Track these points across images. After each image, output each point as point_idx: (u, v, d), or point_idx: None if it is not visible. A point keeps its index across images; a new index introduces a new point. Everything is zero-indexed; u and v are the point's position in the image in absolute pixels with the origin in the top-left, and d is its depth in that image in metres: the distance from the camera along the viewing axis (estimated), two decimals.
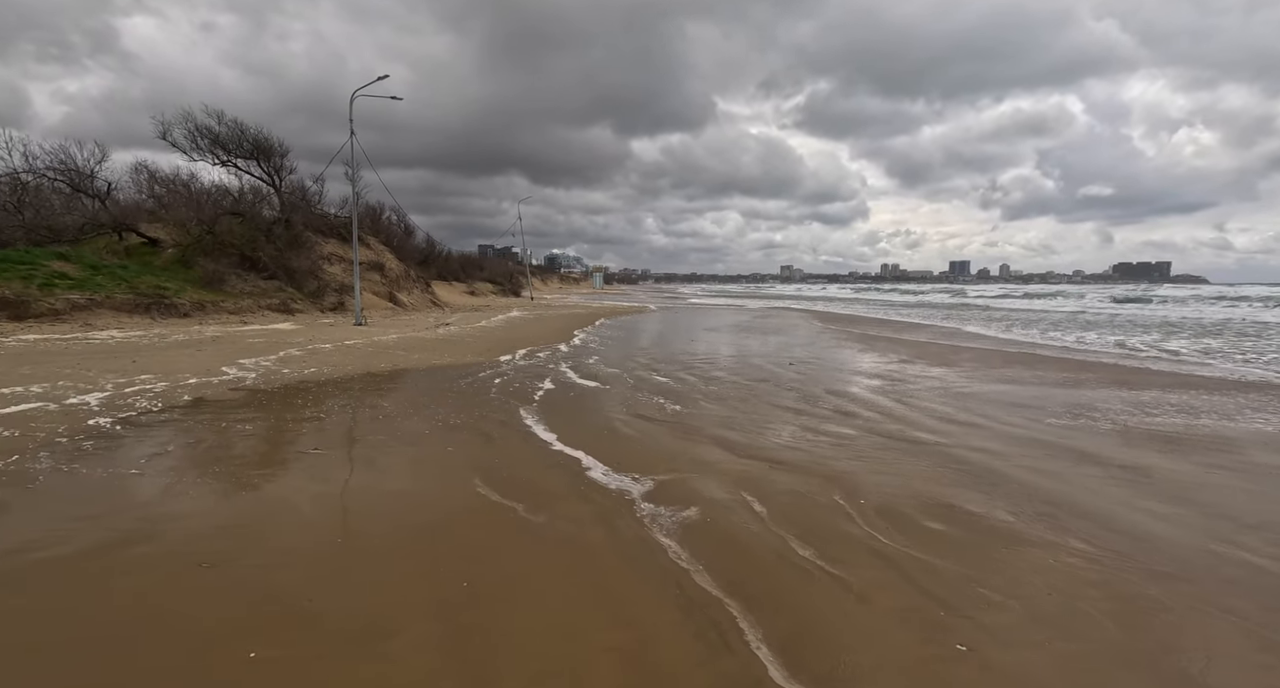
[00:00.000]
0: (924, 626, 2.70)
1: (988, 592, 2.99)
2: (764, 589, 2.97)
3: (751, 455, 5.24)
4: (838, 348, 14.43)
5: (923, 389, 8.72)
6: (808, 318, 26.42)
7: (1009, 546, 3.54)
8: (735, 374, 10.03)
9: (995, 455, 5.37)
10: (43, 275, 15.72)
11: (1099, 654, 2.51)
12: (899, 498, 4.25)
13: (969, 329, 20.50)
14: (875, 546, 3.49)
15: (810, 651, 2.48)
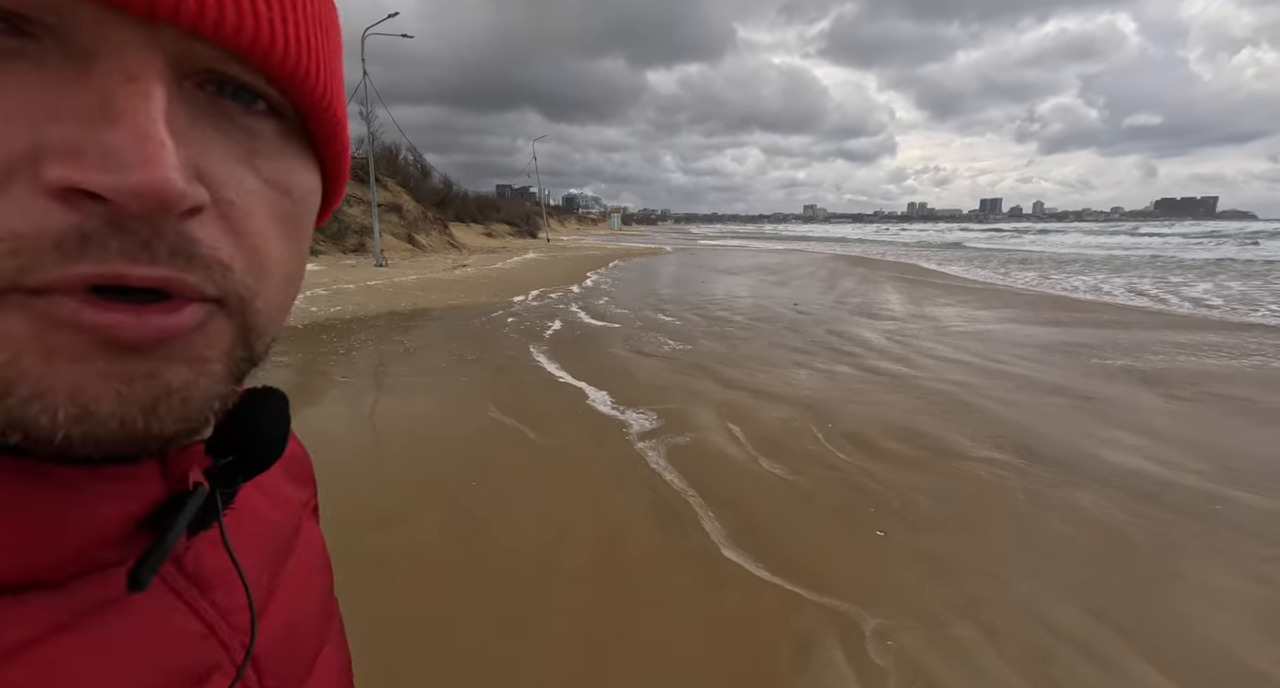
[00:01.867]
0: (853, 519, 3.22)
1: (917, 496, 3.48)
2: (725, 492, 3.50)
3: (740, 387, 5.73)
4: (843, 289, 14.63)
5: (918, 329, 9.04)
6: (823, 260, 26.33)
7: (949, 460, 4.01)
8: (740, 314, 10.41)
9: (969, 388, 5.77)
10: None
11: (991, 537, 3.02)
12: (866, 424, 4.72)
13: (964, 272, 20.38)
14: (831, 460, 3.99)
15: (753, 536, 3.02)
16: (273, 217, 0.25)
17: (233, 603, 0.30)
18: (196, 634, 0.28)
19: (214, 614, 0.29)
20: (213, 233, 0.23)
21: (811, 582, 2.62)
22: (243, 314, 0.24)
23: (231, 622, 0.30)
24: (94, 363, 0.21)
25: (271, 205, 0.25)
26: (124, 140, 0.19)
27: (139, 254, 0.20)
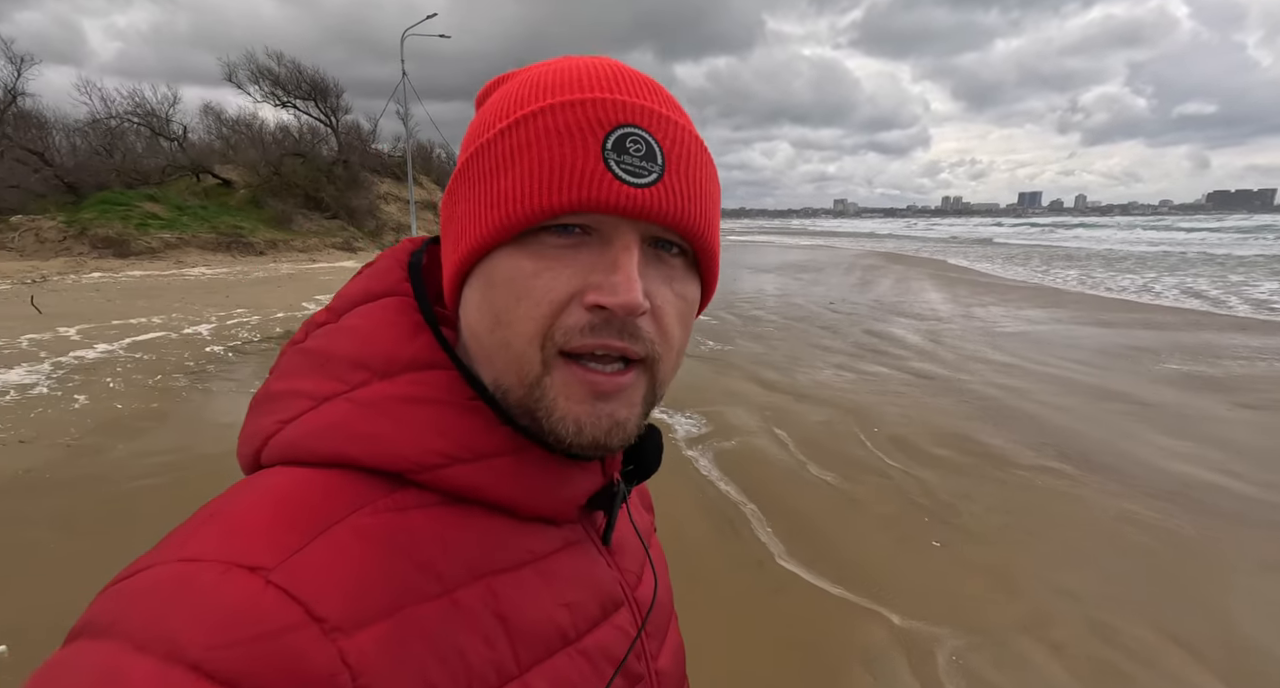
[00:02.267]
0: (907, 527, 3.21)
1: (970, 505, 3.45)
2: (772, 496, 3.52)
3: (781, 390, 5.72)
4: (879, 287, 14.39)
5: (960, 329, 8.86)
6: (855, 257, 25.91)
7: (1001, 468, 3.95)
8: (774, 313, 10.35)
9: (1017, 392, 5.66)
10: (138, 216, 17.16)
11: (1053, 550, 2.98)
12: (912, 428, 4.67)
13: (1000, 270, 19.81)
14: (879, 466, 3.98)
15: (807, 543, 3.03)
16: (677, 314, 0.41)
17: (627, 566, 0.48)
18: (612, 578, 0.45)
19: (618, 570, 0.47)
20: (647, 323, 0.39)
21: (871, 593, 2.63)
22: (653, 372, 0.40)
23: (627, 578, 0.47)
24: (586, 404, 0.38)
25: (676, 307, 0.41)
26: (620, 280, 0.36)
27: (616, 335, 0.37)
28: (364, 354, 0.39)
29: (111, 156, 20.40)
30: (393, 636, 0.31)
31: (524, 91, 0.39)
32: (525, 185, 0.36)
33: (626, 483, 0.47)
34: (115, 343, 6.95)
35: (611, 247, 0.37)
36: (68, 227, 15.95)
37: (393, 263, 0.45)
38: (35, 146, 18.51)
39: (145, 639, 0.27)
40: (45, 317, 8.30)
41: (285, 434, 0.38)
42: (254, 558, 0.30)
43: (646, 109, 0.38)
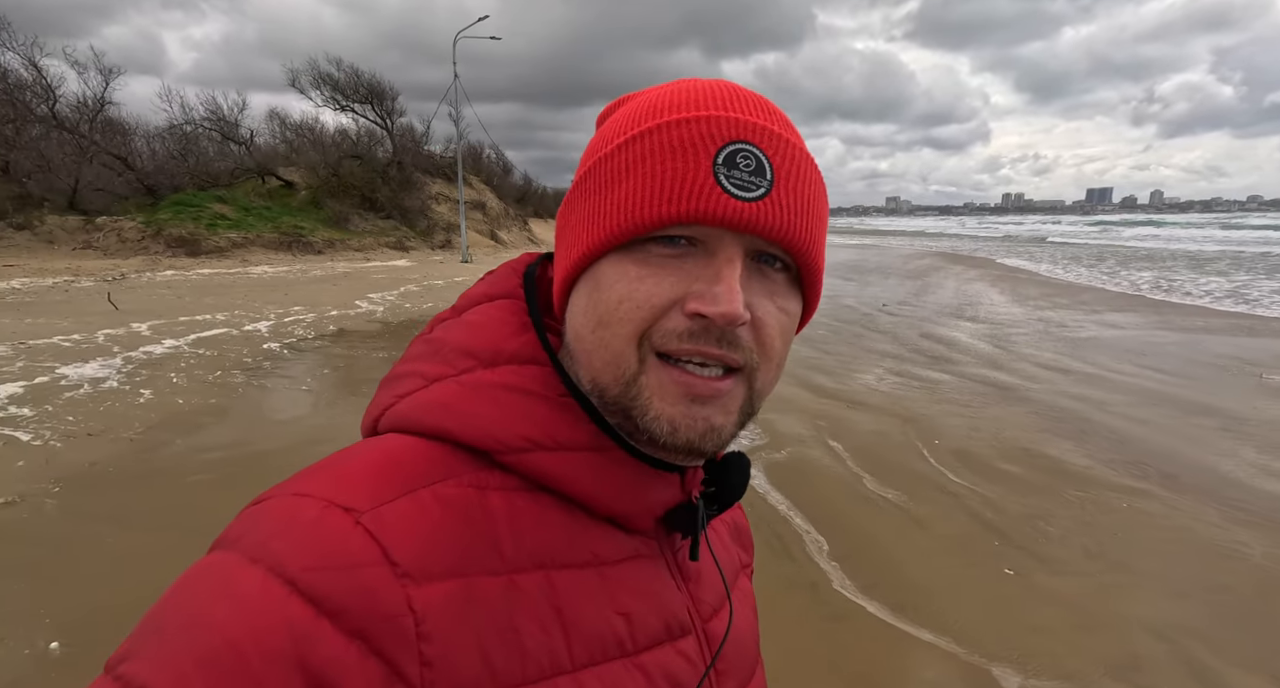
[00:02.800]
0: (976, 551, 2.96)
1: (1046, 527, 3.16)
2: (827, 513, 3.32)
3: (833, 396, 5.47)
4: (935, 288, 13.77)
5: (1027, 333, 8.34)
6: (908, 257, 24.98)
7: (1078, 487, 3.62)
8: (824, 315, 10.01)
9: (1092, 403, 5.24)
10: (208, 216, 18.10)
11: (1142, 583, 2.68)
12: (976, 441, 4.37)
13: (1064, 272, 18.63)
14: (943, 482, 3.71)
15: (863, 564, 2.83)
16: (779, 327, 0.41)
17: (701, 596, 0.47)
18: (682, 603, 0.45)
19: (690, 597, 0.46)
20: (746, 333, 0.39)
21: (936, 623, 2.42)
22: (751, 383, 0.41)
23: (700, 608, 0.46)
24: (681, 406, 0.39)
25: (777, 320, 0.41)
26: (722, 291, 0.37)
27: (714, 343, 0.38)
28: (473, 344, 0.44)
29: (186, 160, 21.59)
30: (456, 596, 0.34)
31: (642, 111, 0.41)
32: (638, 196, 0.38)
33: (706, 505, 0.47)
34: (181, 339, 7.28)
35: (715, 258, 0.38)
36: (145, 227, 16.95)
37: (510, 271, 0.49)
38: (120, 152, 19.76)
39: (257, 555, 0.32)
40: (121, 313, 8.78)
41: (399, 407, 0.42)
42: (350, 501, 0.34)
43: (758, 126, 0.39)
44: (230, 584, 0.31)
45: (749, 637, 0.51)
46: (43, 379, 5.40)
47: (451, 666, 0.33)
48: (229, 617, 0.30)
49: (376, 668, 0.31)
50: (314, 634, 0.30)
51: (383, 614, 0.31)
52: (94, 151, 18.86)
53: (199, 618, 0.30)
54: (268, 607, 0.30)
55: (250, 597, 0.30)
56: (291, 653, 0.29)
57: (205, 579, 0.32)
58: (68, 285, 11.43)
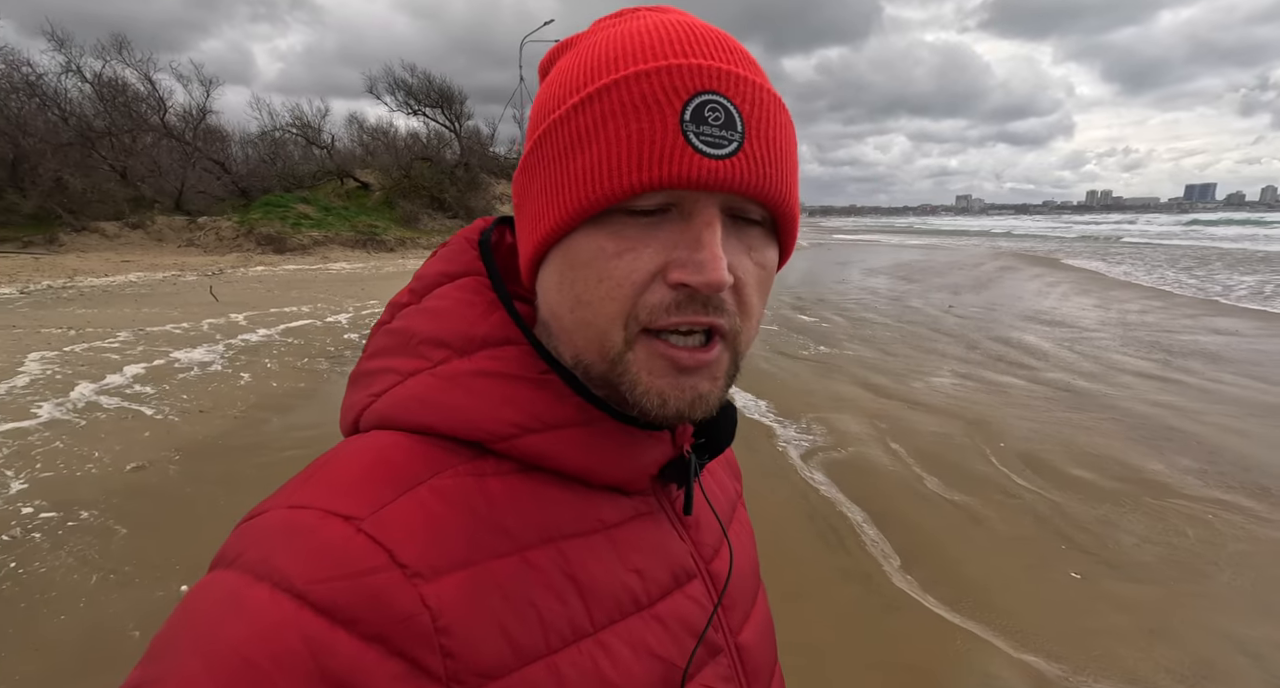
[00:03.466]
0: (1040, 553, 2.89)
1: (1119, 535, 3.05)
2: (884, 508, 3.32)
3: (894, 396, 5.38)
4: (1006, 290, 13.13)
5: (1104, 338, 7.88)
6: (979, 257, 23.85)
7: (1158, 496, 3.46)
8: (887, 316, 9.77)
9: (1179, 411, 4.93)
10: (293, 216, 19.42)
11: (1225, 595, 2.55)
12: (1046, 445, 4.22)
13: (1152, 276, 17.24)
14: (1006, 484, 3.62)
15: (920, 559, 2.83)
16: (757, 284, 0.41)
17: (702, 539, 0.48)
18: (685, 551, 0.46)
19: (692, 543, 0.47)
20: (729, 296, 0.39)
21: (994, 622, 2.40)
22: (735, 345, 0.40)
23: (701, 551, 0.47)
24: (669, 378, 0.38)
25: (756, 276, 0.40)
26: (705, 257, 0.36)
27: (700, 310, 0.38)
28: (443, 333, 0.42)
29: (274, 164, 23.25)
30: (469, 585, 0.34)
31: (593, 61, 0.38)
32: (604, 164, 0.36)
33: (698, 456, 0.47)
34: (272, 328, 7.91)
35: (693, 222, 0.37)
36: (239, 226, 18.39)
37: (465, 243, 0.46)
38: (218, 157, 21.51)
39: (261, 572, 0.31)
40: (221, 304, 9.62)
41: (377, 406, 0.41)
42: (349, 508, 0.34)
43: (723, 71, 0.36)
44: (239, 603, 0.31)
45: (749, 568, 0.52)
46: (160, 362, 6.03)
47: (474, 652, 0.33)
48: (243, 635, 0.29)
49: (398, 667, 0.31)
50: (331, 643, 0.30)
51: (398, 616, 0.31)
52: (197, 157, 20.58)
53: (212, 639, 0.30)
54: (281, 621, 0.30)
55: (261, 613, 0.30)
56: (311, 664, 0.29)
57: (212, 600, 0.31)
58: (175, 279, 12.57)
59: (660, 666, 0.40)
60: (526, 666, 0.35)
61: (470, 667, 0.33)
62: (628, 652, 0.39)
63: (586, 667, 0.37)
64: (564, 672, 0.36)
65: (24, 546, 2.82)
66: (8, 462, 3.68)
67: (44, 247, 15.58)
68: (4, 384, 5.12)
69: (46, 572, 2.63)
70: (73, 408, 4.65)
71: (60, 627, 2.30)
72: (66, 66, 19.26)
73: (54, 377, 5.40)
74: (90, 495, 3.29)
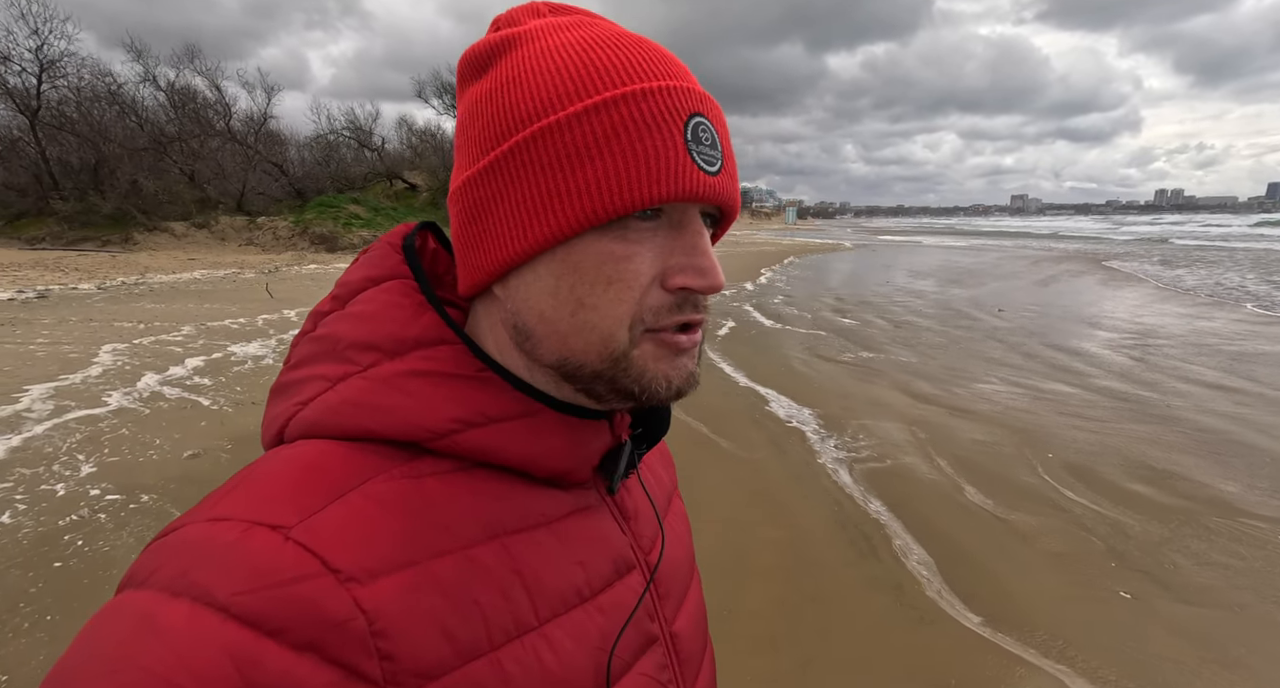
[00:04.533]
0: (1087, 570, 2.75)
1: (1175, 555, 2.87)
2: (919, 516, 3.21)
3: (934, 402, 5.21)
4: (1059, 294, 12.52)
5: (1176, 345, 7.43)
6: (1032, 260, 22.83)
7: (1223, 515, 3.24)
8: (931, 319, 9.46)
9: (1249, 424, 4.61)
10: (344, 216, 20.18)
11: None
12: (1099, 457, 4.01)
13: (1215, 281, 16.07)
14: (1053, 497, 3.46)
15: (956, 572, 2.73)
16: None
17: (641, 531, 0.49)
18: (625, 543, 0.47)
19: (632, 535, 0.48)
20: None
21: (1035, 640, 2.30)
22: (704, 329, 0.43)
23: (640, 543, 0.48)
24: (670, 361, 0.41)
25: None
26: (707, 264, 0.40)
27: (694, 310, 0.41)
28: (372, 336, 0.41)
29: (328, 166, 24.22)
30: (407, 587, 0.33)
31: (578, 72, 0.38)
32: (619, 176, 0.37)
33: (636, 446, 0.48)
34: None
35: (686, 230, 0.40)
36: (295, 226, 19.22)
37: (389, 248, 0.46)
38: (277, 160, 22.54)
39: (178, 588, 0.30)
40: (275, 301, 10.07)
41: (304, 414, 0.40)
42: (276, 518, 0.32)
43: (703, 96, 0.41)
44: (153, 622, 0.29)
45: (683, 557, 0.54)
46: (218, 355, 6.36)
47: (413, 653, 0.32)
48: (158, 656, 0.28)
49: (332, 674, 0.30)
50: (259, 655, 0.28)
51: (331, 622, 0.30)
52: (258, 160, 21.62)
53: (124, 663, 0.28)
54: (201, 637, 0.28)
55: (179, 630, 0.28)
56: (237, 680, 0.28)
57: (121, 622, 0.29)
58: (235, 276, 13.23)
59: (603, 655, 0.41)
60: (469, 663, 0.35)
61: (409, 668, 0.32)
62: (570, 643, 0.39)
63: (530, 661, 0.37)
64: (507, 667, 0.36)
65: (90, 525, 3.01)
66: (80, 446, 3.95)
67: (120, 245, 16.65)
68: (80, 374, 5.50)
69: (109, 550, 2.81)
70: (139, 397, 4.95)
71: None
72: (144, 76, 20.54)
73: (124, 367, 5.77)
74: (151, 480, 3.50)
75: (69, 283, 11.07)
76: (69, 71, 18.12)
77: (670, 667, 0.47)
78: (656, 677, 0.45)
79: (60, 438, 4.06)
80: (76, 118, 18.18)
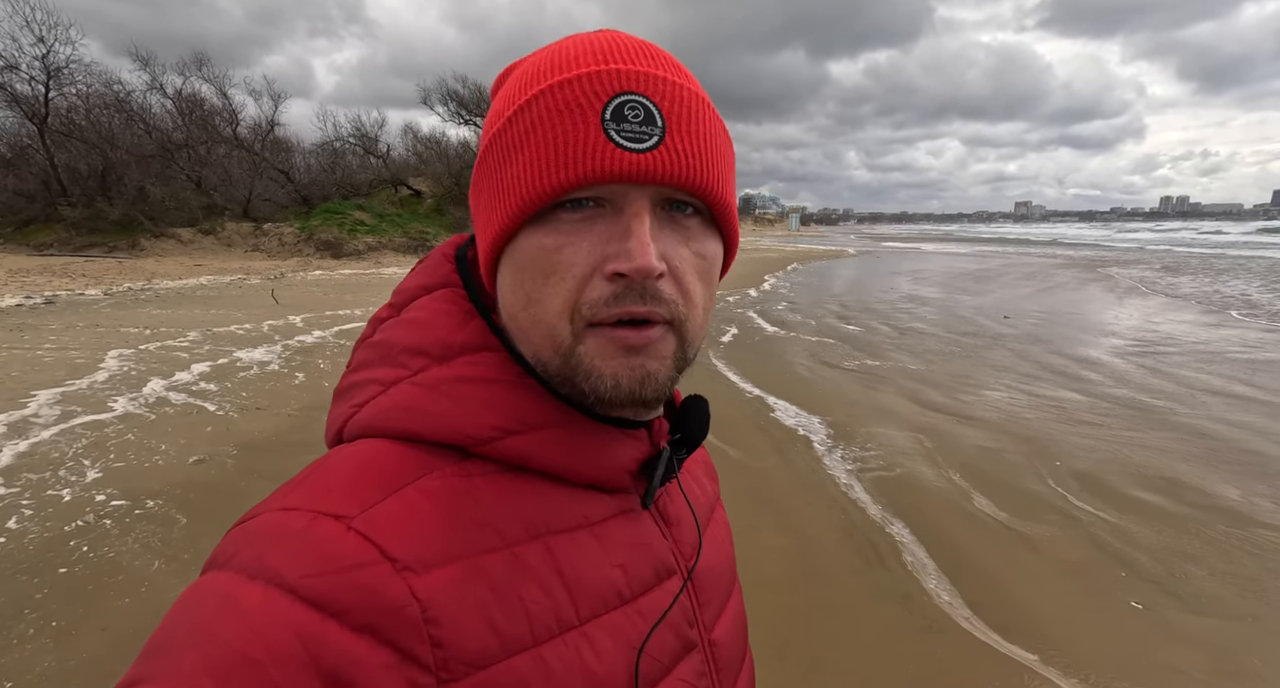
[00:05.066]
0: (1098, 580, 2.72)
1: (1192, 566, 2.84)
2: (927, 525, 3.19)
3: (942, 410, 5.18)
4: (1066, 301, 12.48)
5: (1186, 353, 7.38)
6: (1037, 267, 22.78)
7: (1240, 526, 3.20)
8: (936, 326, 9.44)
9: (1261, 433, 4.57)
10: (350, 223, 20.27)
11: None
12: (1108, 465, 3.98)
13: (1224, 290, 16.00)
14: (1061, 506, 3.43)
15: (964, 580, 2.70)
16: (697, 273, 0.41)
17: (683, 538, 0.49)
18: (666, 548, 0.46)
19: (673, 540, 0.48)
20: (668, 285, 0.39)
21: (1043, 649, 2.27)
22: (680, 331, 0.41)
23: (682, 549, 0.48)
24: (619, 359, 0.39)
25: (696, 266, 0.41)
26: (634, 246, 0.37)
27: (638, 301, 0.38)
28: (422, 342, 0.43)
29: (334, 172, 24.35)
30: (457, 578, 0.35)
31: (527, 77, 0.41)
32: (534, 167, 0.38)
33: (675, 451, 0.48)
34: (327, 330, 8.26)
35: (623, 215, 0.38)
36: (300, 232, 19.31)
37: (442, 258, 0.48)
38: (283, 167, 22.69)
39: (254, 570, 0.33)
40: (281, 306, 10.11)
41: (360, 417, 0.42)
42: (338, 509, 0.35)
43: (641, 74, 0.38)
44: (232, 601, 0.32)
45: (724, 565, 0.54)
46: (223, 361, 6.38)
47: (462, 642, 0.34)
48: (236, 631, 0.30)
49: (389, 656, 0.32)
50: (323, 635, 0.31)
51: (388, 607, 0.32)
52: (264, 167, 21.77)
53: (206, 636, 0.30)
54: (273, 616, 0.31)
55: (254, 609, 0.31)
56: (304, 656, 0.30)
57: (206, 600, 0.32)
58: (241, 282, 13.29)
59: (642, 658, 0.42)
60: (513, 656, 0.36)
61: (459, 657, 0.34)
62: (610, 643, 0.40)
63: (571, 659, 0.38)
64: (550, 663, 0.37)
65: (96, 531, 3.02)
66: (86, 451, 3.96)
67: (127, 251, 16.76)
68: (86, 379, 5.52)
69: (115, 556, 2.80)
70: (144, 403, 4.96)
71: (123, 610, 2.45)
72: (151, 83, 20.72)
73: (130, 373, 5.79)
74: (156, 486, 3.50)
75: (76, 289, 11.14)
76: (77, 79, 18.32)
77: (709, 674, 0.47)
78: (695, 683, 0.45)
79: (66, 443, 4.07)
80: (85, 125, 18.37)
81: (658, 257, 0.38)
